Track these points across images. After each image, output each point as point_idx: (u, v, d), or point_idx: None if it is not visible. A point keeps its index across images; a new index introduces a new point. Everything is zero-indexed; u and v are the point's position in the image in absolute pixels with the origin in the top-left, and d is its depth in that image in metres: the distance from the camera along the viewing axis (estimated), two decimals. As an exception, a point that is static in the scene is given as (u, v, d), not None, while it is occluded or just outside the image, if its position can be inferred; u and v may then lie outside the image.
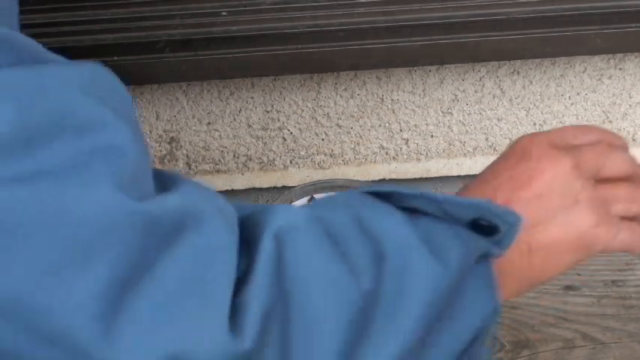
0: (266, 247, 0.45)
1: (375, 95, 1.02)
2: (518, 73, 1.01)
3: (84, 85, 0.41)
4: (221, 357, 0.41)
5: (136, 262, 0.39)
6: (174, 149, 1.04)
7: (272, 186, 1.06)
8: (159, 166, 1.04)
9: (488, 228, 0.50)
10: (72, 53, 0.46)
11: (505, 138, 1.05)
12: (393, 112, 1.03)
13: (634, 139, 1.06)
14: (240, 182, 1.05)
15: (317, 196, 0.96)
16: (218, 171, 1.05)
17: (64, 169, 0.38)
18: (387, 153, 1.06)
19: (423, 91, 1.02)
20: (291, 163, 1.05)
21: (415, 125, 1.04)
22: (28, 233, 0.38)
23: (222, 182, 1.05)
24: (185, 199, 0.43)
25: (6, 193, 0.37)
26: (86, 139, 0.39)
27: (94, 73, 0.43)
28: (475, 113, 1.04)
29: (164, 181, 0.44)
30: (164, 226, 0.41)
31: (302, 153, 1.05)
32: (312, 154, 1.05)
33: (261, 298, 0.43)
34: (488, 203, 0.51)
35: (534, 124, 1.04)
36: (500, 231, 0.50)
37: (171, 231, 0.41)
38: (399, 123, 1.04)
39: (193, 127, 1.02)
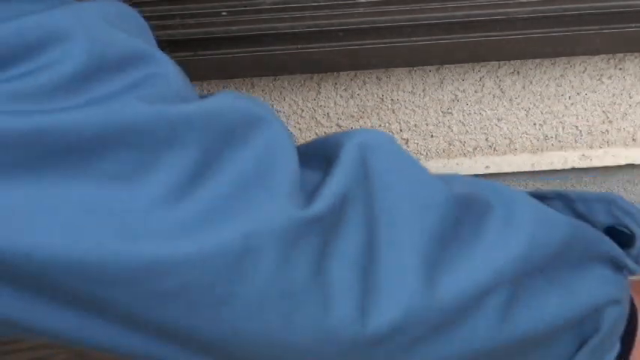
0: (349, 150, 0.46)
1: (375, 95, 1.02)
2: (518, 73, 1.01)
3: (110, 17, 0.44)
4: (292, 226, 0.43)
5: (200, 159, 0.42)
6: (174, 149, 1.04)
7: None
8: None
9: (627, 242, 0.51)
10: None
11: (505, 138, 1.05)
12: (393, 112, 1.03)
13: (634, 139, 1.06)
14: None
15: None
16: (218, 171, 1.05)
17: (125, 92, 0.42)
18: (387, 153, 1.06)
19: (423, 91, 1.02)
20: (291, 163, 1.05)
21: (415, 125, 1.04)
22: (105, 147, 0.40)
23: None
24: (244, 99, 0.46)
25: (75, 114, 0.40)
26: (140, 69, 0.43)
27: (116, 8, 0.45)
28: (475, 113, 1.04)
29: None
30: (223, 122, 0.43)
31: (302, 153, 1.05)
32: (312, 154, 1.05)
33: (336, 182, 0.45)
34: (618, 197, 0.51)
35: (534, 124, 1.04)
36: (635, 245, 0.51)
37: (231, 126, 0.43)
38: (399, 123, 1.04)
39: (193, 127, 1.02)
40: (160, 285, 0.41)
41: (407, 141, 1.05)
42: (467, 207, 0.48)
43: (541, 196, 0.53)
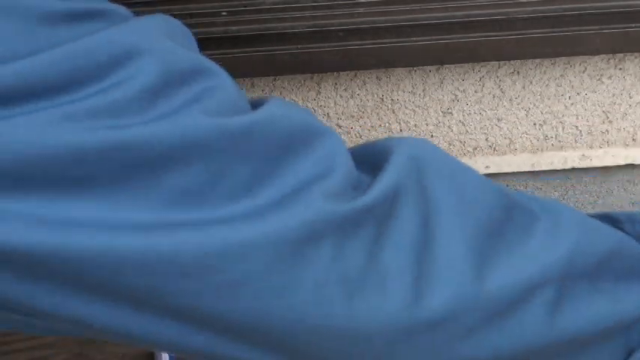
0: (400, 152, 0.49)
1: (375, 95, 1.02)
2: (518, 73, 1.01)
3: (168, 33, 0.46)
4: (344, 215, 0.45)
5: (260, 169, 0.44)
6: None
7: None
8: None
9: None
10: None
11: (505, 138, 1.05)
12: (393, 112, 1.03)
13: (634, 139, 1.06)
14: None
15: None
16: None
17: (189, 105, 0.43)
18: (387, 153, 1.06)
19: (423, 91, 1.02)
20: (291, 163, 1.05)
21: (415, 125, 1.04)
22: (174, 161, 0.42)
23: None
24: (298, 110, 0.48)
25: (149, 129, 0.42)
26: (201, 82, 0.44)
27: (166, 22, 0.47)
28: (475, 113, 1.04)
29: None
30: (280, 132, 0.45)
31: (302, 153, 1.05)
32: (312, 154, 1.05)
33: (390, 175, 0.47)
34: None
35: (534, 124, 1.04)
36: None
37: (289, 135, 0.45)
38: (399, 123, 1.04)
39: (193, 127, 1.02)
40: (230, 273, 0.42)
41: (407, 141, 1.05)
42: (514, 210, 0.50)
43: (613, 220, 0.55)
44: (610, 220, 0.55)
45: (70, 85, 0.40)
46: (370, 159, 0.50)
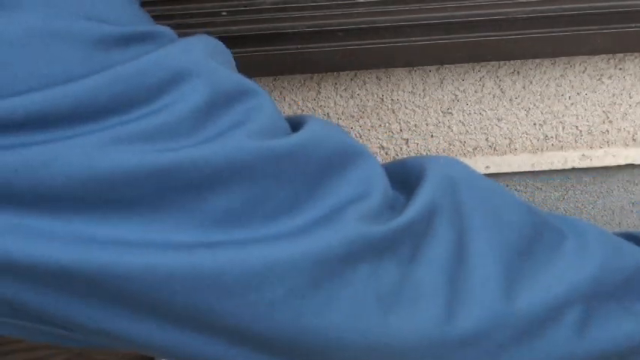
0: (434, 170, 0.50)
1: (375, 95, 1.02)
2: (518, 73, 1.01)
3: (212, 54, 0.46)
4: (382, 234, 0.46)
5: (302, 191, 0.45)
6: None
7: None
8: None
9: None
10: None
11: (505, 138, 1.05)
12: (393, 112, 1.03)
13: (634, 139, 1.06)
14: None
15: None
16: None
17: (235, 128, 0.44)
18: (387, 153, 1.06)
19: (423, 91, 1.02)
20: (291, 163, 1.05)
21: (415, 125, 1.04)
22: (221, 183, 0.43)
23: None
24: (336, 131, 0.49)
25: (197, 152, 0.42)
26: (244, 103, 0.45)
27: (208, 42, 0.48)
28: (475, 113, 1.04)
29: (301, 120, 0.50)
30: (322, 154, 0.46)
31: (302, 153, 1.05)
32: (312, 154, 1.05)
33: (427, 193, 0.49)
34: None
35: (534, 124, 1.04)
36: None
37: (330, 158, 0.46)
38: (399, 123, 1.04)
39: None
40: (269, 292, 0.43)
41: (407, 141, 1.05)
42: (543, 228, 0.52)
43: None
44: (634, 239, 0.57)
45: (120, 107, 0.41)
46: (404, 177, 0.51)
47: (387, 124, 1.04)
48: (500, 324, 0.48)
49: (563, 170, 1.07)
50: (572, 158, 1.06)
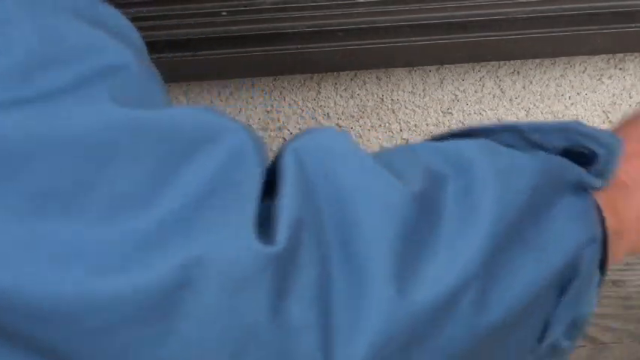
0: (288, 164, 0.43)
1: (375, 95, 1.02)
2: (518, 73, 1.01)
3: (78, 8, 0.41)
4: (248, 260, 0.39)
5: (151, 171, 0.39)
6: (174, 149, 1.04)
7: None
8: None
9: (586, 159, 0.47)
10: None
11: (505, 138, 1.05)
12: (393, 112, 1.03)
13: (634, 139, 1.06)
14: (240, 182, 1.05)
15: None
16: (218, 171, 1.05)
17: (62, 92, 0.38)
18: (387, 153, 1.06)
19: (423, 91, 1.02)
20: (291, 163, 1.05)
21: (415, 125, 1.04)
22: (27, 156, 0.37)
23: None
24: (202, 110, 0.43)
25: (31, 112, 0.37)
26: (86, 62, 0.39)
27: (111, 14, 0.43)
28: (475, 113, 1.04)
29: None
30: (181, 134, 0.40)
31: (302, 153, 1.05)
32: (312, 154, 1.05)
33: (289, 207, 0.41)
34: (578, 123, 0.48)
35: (534, 124, 1.05)
36: (597, 161, 0.47)
37: (190, 139, 0.40)
38: (399, 123, 1.04)
39: (193, 127, 1.02)
40: (92, 322, 0.38)
41: (407, 141, 1.05)
42: (424, 198, 0.45)
43: (488, 131, 0.49)
44: (513, 130, 0.49)
45: None
46: (271, 176, 0.44)
47: (387, 124, 1.04)
48: (397, 333, 0.42)
49: (563, 170, 1.07)
50: (572, 158, 1.06)
